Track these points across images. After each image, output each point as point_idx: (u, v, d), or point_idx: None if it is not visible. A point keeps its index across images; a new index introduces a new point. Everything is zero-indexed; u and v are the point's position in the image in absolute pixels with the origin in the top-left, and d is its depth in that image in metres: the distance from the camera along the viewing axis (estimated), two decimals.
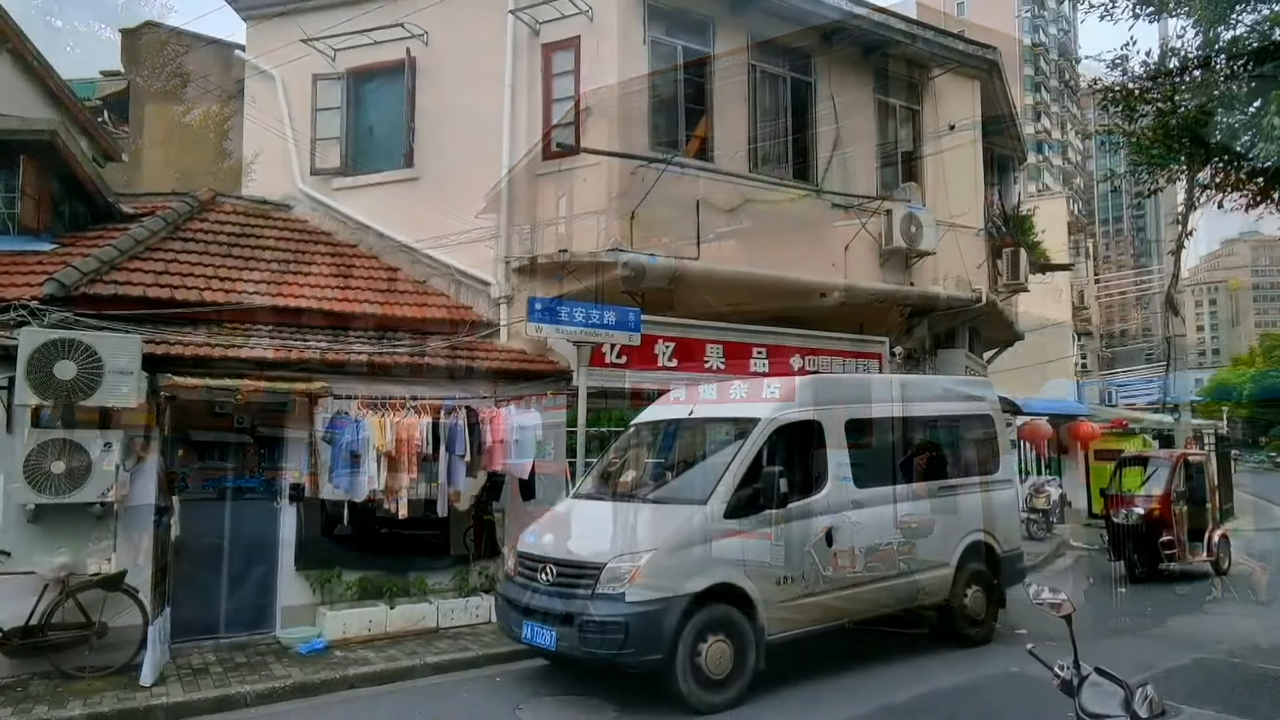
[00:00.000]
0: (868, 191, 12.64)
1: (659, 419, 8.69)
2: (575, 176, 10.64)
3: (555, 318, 9.17)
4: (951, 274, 13.52)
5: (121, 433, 7.83)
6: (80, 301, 8.61)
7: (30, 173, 9.85)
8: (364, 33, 11.56)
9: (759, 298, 11.69)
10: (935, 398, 9.18)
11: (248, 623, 8.77)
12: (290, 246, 11.08)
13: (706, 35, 11.47)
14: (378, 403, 9.05)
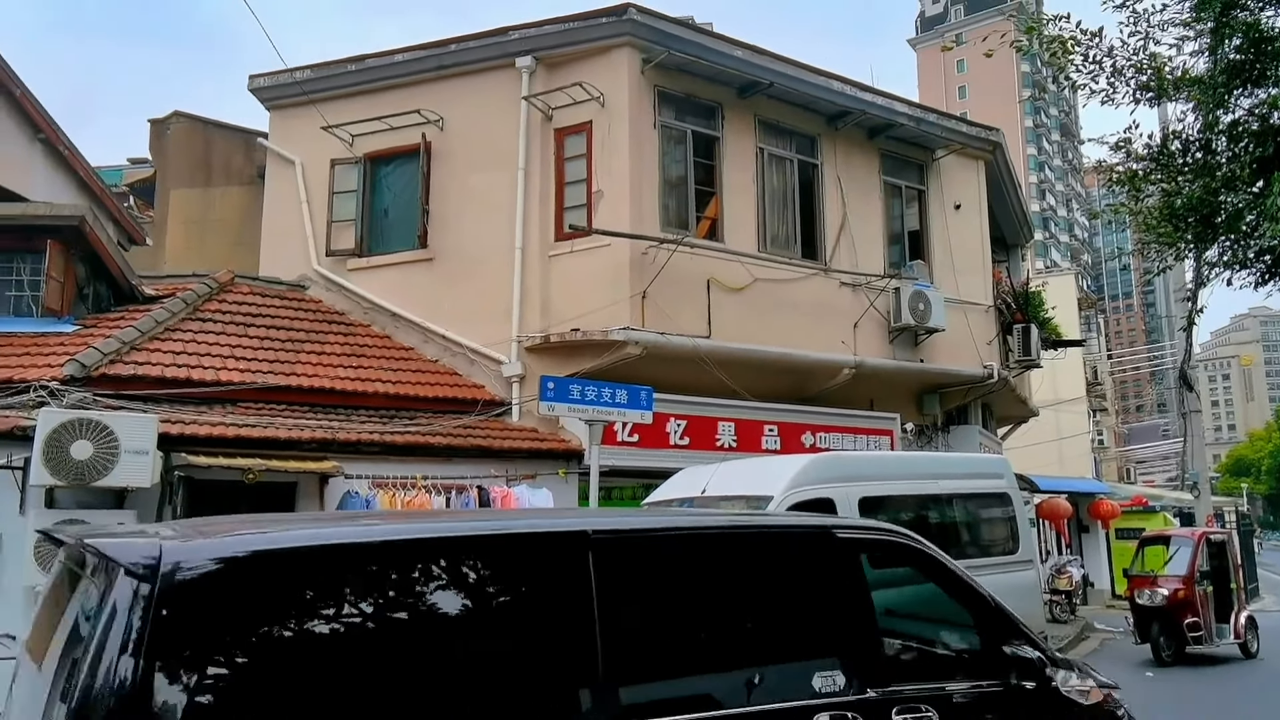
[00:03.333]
0: (876, 270, 12.79)
1: (671, 498, 8.62)
2: (587, 257, 10.82)
3: (567, 397, 9.18)
4: (961, 351, 13.56)
5: (135, 512, 7.83)
6: (100, 382, 8.72)
7: (56, 257, 10.10)
8: (381, 119, 11.95)
9: (769, 375, 11.73)
10: (951, 475, 9.09)
11: None
12: (305, 326, 11.24)
13: (715, 120, 11.81)
14: (389, 482, 9.03)
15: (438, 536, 2.92)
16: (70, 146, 12.89)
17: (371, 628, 2.57)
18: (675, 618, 3.18)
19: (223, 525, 2.82)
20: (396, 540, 2.77)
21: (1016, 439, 20.69)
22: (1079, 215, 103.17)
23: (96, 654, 2.20)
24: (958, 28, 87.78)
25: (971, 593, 3.87)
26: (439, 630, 2.68)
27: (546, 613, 2.87)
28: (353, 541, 2.71)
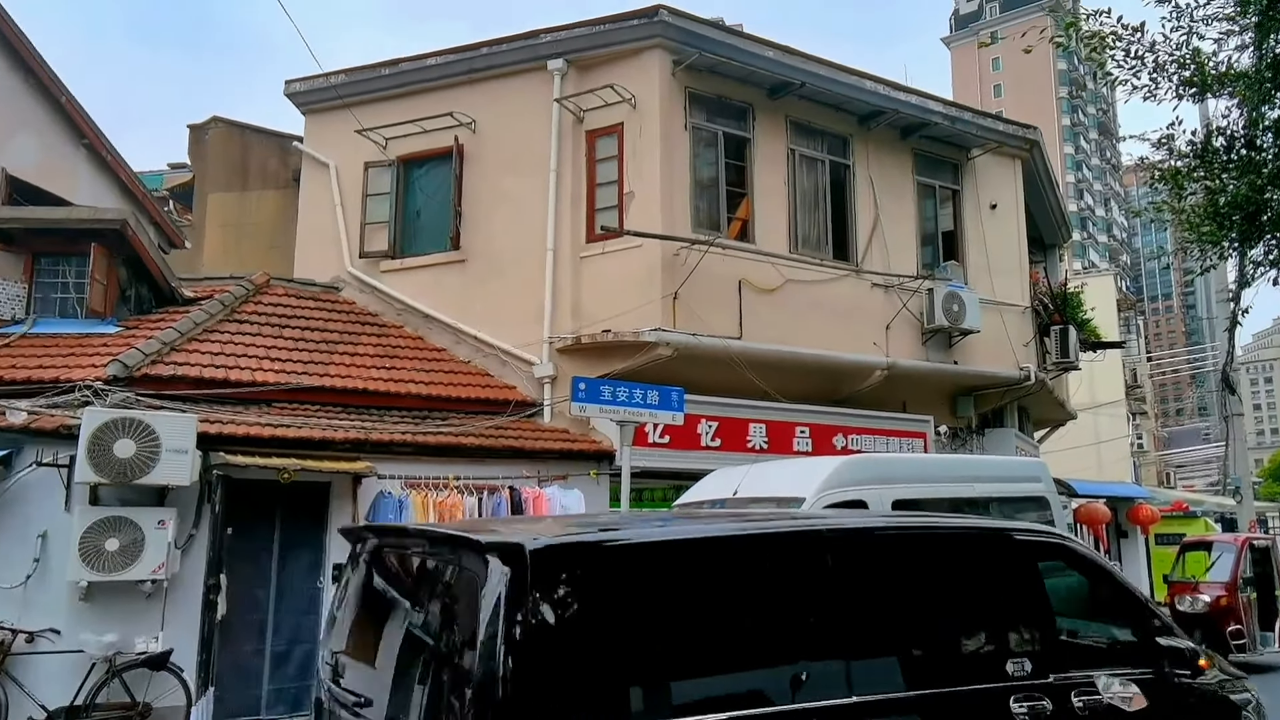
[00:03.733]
0: (908, 271, 12.66)
1: (702, 499, 8.58)
2: (618, 258, 10.84)
3: (599, 398, 9.19)
4: (997, 352, 13.38)
5: (175, 510, 7.97)
6: (142, 382, 8.89)
7: (99, 259, 10.32)
8: (414, 122, 12.07)
9: (801, 377, 11.67)
10: (986, 478, 8.94)
11: (290, 704, 8.69)
12: (338, 327, 11.37)
13: (746, 121, 11.77)
14: (422, 482, 9.11)
15: (728, 535, 3.58)
16: (113, 152, 13.17)
17: (675, 607, 3.12)
18: (897, 606, 3.60)
19: (562, 526, 3.48)
20: (697, 539, 3.45)
21: (1054, 442, 20.37)
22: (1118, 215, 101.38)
23: (488, 632, 2.71)
24: (993, 25, 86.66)
25: (1125, 590, 4.32)
26: (732, 610, 3.23)
27: (809, 598, 3.36)
28: (667, 539, 3.34)
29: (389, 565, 3.75)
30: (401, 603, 3.52)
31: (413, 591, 3.44)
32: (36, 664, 7.54)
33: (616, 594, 2.99)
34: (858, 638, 3.37)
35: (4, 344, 9.47)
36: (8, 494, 7.79)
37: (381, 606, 3.69)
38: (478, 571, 2.86)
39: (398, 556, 3.68)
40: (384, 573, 3.75)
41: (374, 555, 3.85)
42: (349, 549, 4.12)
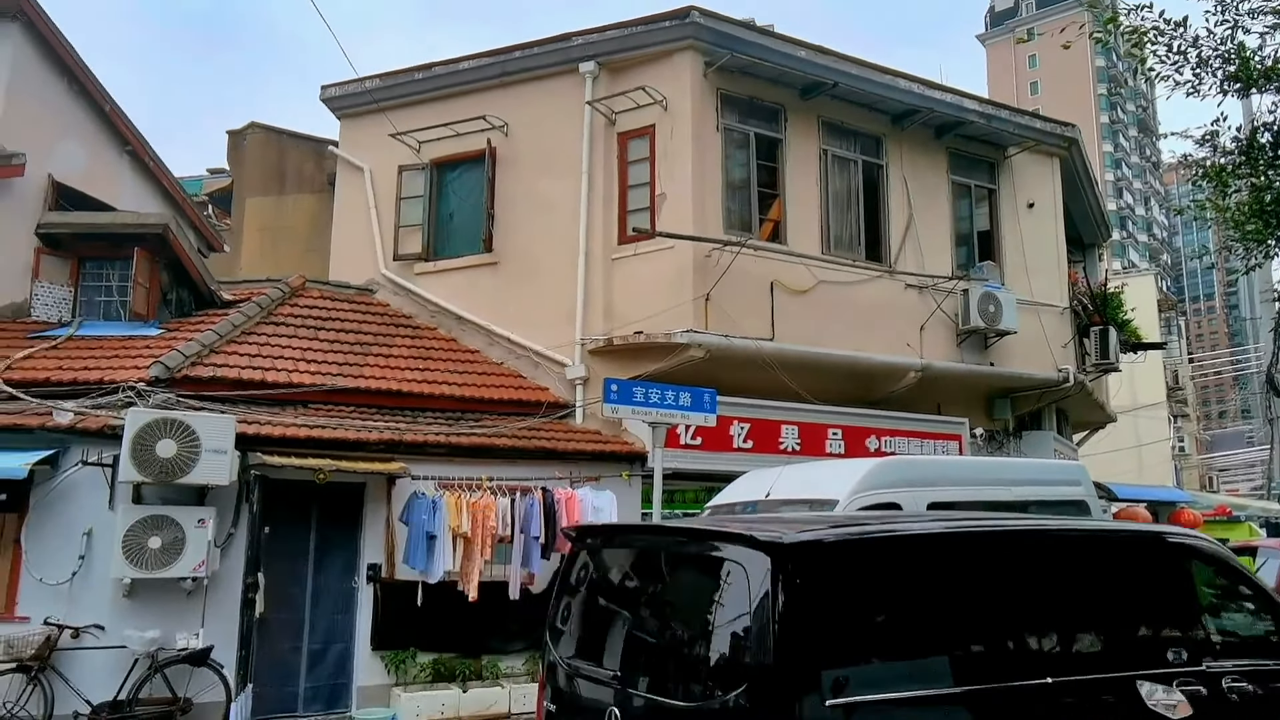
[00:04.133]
0: (943, 271, 12.52)
1: (735, 501, 8.54)
2: (650, 260, 10.84)
3: (631, 399, 9.20)
4: (1035, 354, 13.18)
5: (214, 509, 8.11)
6: (182, 383, 9.06)
7: (142, 263, 10.55)
8: (447, 125, 12.17)
9: (833, 378, 11.58)
10: (1023, 481, 8.80)
11: (325, 701, 8.80)
12: (373, 329, 11.49)
13: (778, 122, 11.72)
14: (455, 483, 9.17)
15: (940, 533, 4.10)
16: (155, 158, 13.43)
17: (892, 591, 3.64)
18: (1079, 598, 4.06)
19: (801, 525, 3.90)
20: (927, 534, 4.07)
21: (1093, 445, 20.01)
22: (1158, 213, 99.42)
23: (757, 608, 3.28)
24: (1029, 22, 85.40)
25: (1260, 589, 4.68)
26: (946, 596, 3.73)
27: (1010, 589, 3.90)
28: (889, 535, 3.99)
29: (631, 557, 4.36)
30: (653, 587, 4.16)
31: (666, 578, 4.10)
32: (81, 659, 7.71)
33: (849, 578, 3.55)
34: (1050, 626, 3.88)
35: (51, 346, 9.70)
36: (54, 492, 7.98)
37: (627, 591, 4.31)
38: (742, 561, 3.44)
39: (642, 550, 4.34)
40: (625, 563, 4.37)
41: (610, 548, 4.52)
42: (575, 544, 4.73)
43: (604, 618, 4.33)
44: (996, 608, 3.80)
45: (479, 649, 9.33)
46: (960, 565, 3.86)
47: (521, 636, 9.54)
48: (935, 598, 3.69)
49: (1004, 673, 3.60)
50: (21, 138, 10.41)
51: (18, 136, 10.38)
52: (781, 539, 3.39)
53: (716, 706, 3.30)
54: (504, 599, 9.09)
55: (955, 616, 3.69)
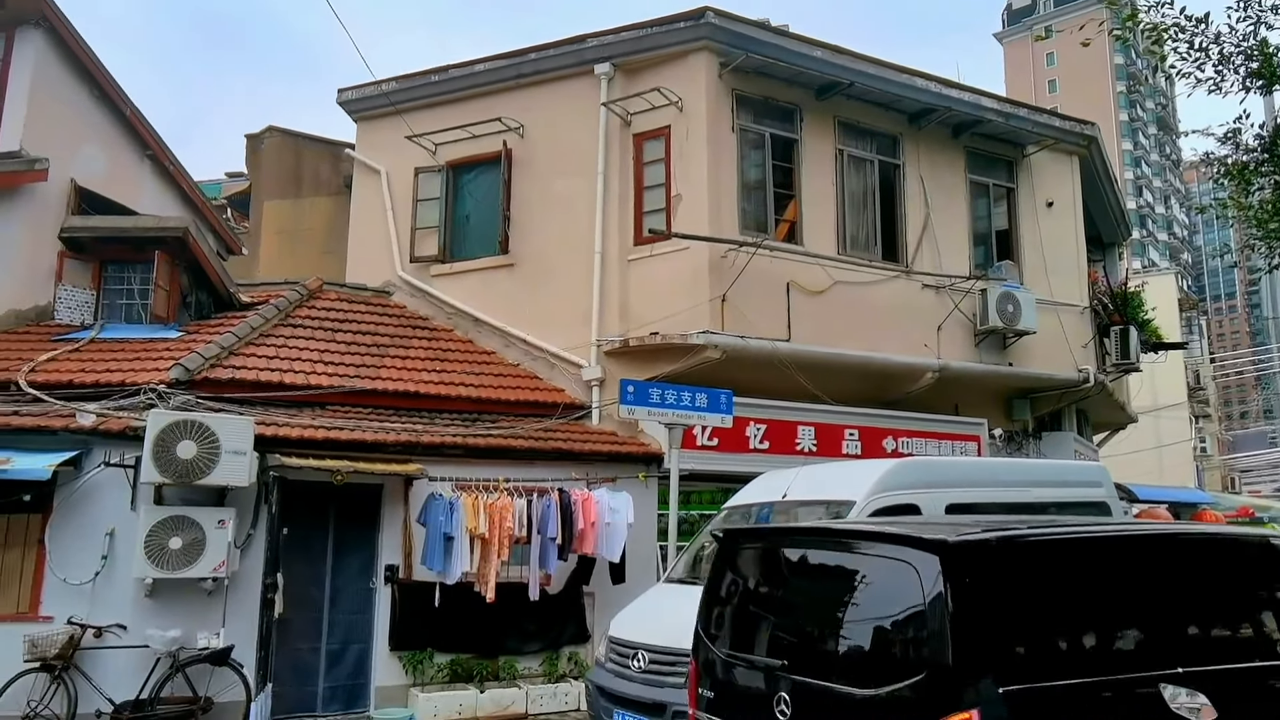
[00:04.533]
0: (961, 271, 12.44)
1: (751, 502, 8.52)
2: (666, 261, 10.84)
3: (647, 400, 9.22)
4: (1054, 354, 13.07)
5: (234, 510, 8.18)
6: (202, 385, 9.13)
7: (163, 266, 10.65)
8: (463, 127, 12.21)
9: (850, 379, 11.53)
10: (1044, 483, 8.73)
11: (343, 701, 8.85)
12: (390, 331, 11.55)
13: (793, 122, 11.68)
14: (471, 484, 9.20)
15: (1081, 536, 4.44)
16: (175, 162, 13.56)
17: (1046, 586, 3.97)
18: (1205, 596, 4.38)
19: (961, 527, 4.23)
20: (1075, 537, 4.40)
21: (1114, 446, 19.82)
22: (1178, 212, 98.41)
23: (932, 601, 3.64)
24: (1047, 19, 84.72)
25: None
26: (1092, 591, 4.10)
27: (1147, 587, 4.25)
28: (1059, 537, 4.32)
29: (791, 557, 4.66)
30: (818, 585, 4.49)
31: (832, 577, 4.41)
32: (104, 658, 7.79)
33: (1009, 575, 3.89)
34: (1180, 620, 4.20)
35: (74, 348, 9.81)
36: (77, 493, 8.07)
37: (790, 589, 4.66)
38: (912, 561, 3.80)
39: (804, 550, 4.64)
40: (786, 563, 4.68)
41: (768, 548, 4.87)
42: (723, 543, 5.11)
43: (765, 614, 4.68)
44: (1135, 603, 4.15)
45: (496, 649, 9.36)
46: (1104, 565, 4.23)
47: (538, 637, 9.56)
48: (1083, 594, 4.06)
49: (1142, 663, 3.93)
50: (44, 143, 10.54)
51: (41, 141, 10.50)
52: (948, 540, 3.76)
53: (895, 693, 3.66)
54: (521, 600, 9.11)
55: (1101, 611, 4.04)
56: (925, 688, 3.55)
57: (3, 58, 10.53)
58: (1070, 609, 3.97)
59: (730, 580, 4.92)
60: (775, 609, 4.66)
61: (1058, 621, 3.89)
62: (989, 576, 3.78)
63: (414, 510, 9.13)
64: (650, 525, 10.17)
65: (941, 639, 3.55)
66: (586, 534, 9.29)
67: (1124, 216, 17.65)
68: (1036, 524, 4.78)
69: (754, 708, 4.33)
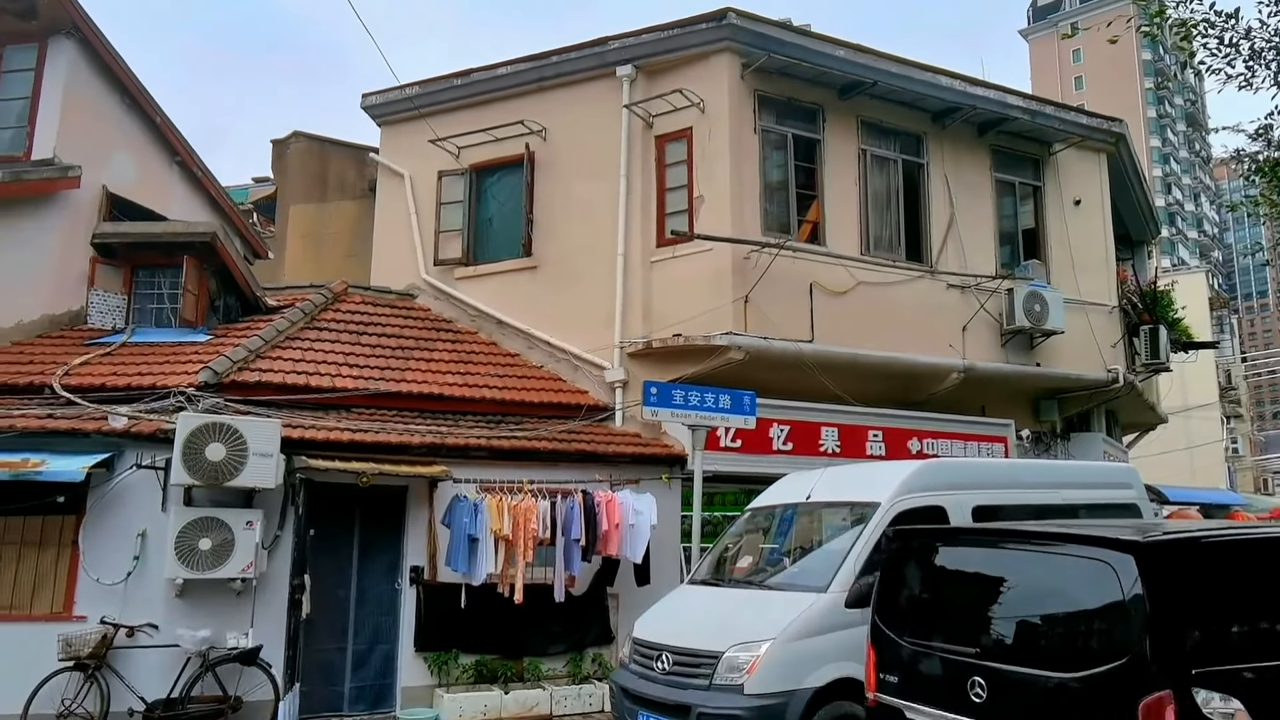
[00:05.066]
0: (986, 270, 12.33)
1: (775, 503, 8.49)
2: (689, 262, 10.83)
3: (670, 402, 9.21)
4: (1083, 354, 12.91)
5: (261, 512, 8.26)
6: (230, 388, 9.24)
7: (192, 271, 10.80)
8: (486, 130, 12.28)
9: (874, 380, 11.47)
10: (1073, 484, 8.63)
11: (370, 701, 8.91)
12: (414, 334, 11.62)
13: (816, 122, 11.64)
14: (496, 486, 9.24)
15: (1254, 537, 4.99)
16: (203, 168, 13.74)
17: (1225, 580, 4.47)
18: None
19: (1144, 528, 4.80)
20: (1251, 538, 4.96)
21: (1143, 447, 19.56)
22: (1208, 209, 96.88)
23: (1130, 597, 4.14)
24: (1073, 16, 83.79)
25: None
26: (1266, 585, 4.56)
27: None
28: (1241, 538, 4.90)
29: (983, 555, 5.14)
30: (1012, 580, 4.89)
31: (1026, 573, 4.83)
32: (136, 657, 7.91)
33: (1195, 570, 4.37)
34: None
35: (106, 352, 9.96)
36: (110, 495, 8.20)
37: (980, 583, 5.07)
38: (1109, 560, 4.28)
39: (993, 549, 5.11)
40: (977, 560, 5.17)
41: (955, 547, 5.37)
42: (902, 541, 5.63)
43: (951, 606, 5.16)
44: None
45: (521, 651, 9.39)
46: (1274, 561, 4.71)
47: (563, 638, 9.58)
48: (1256, 587, 4.50)
49: None
50: (77, 150, 10.72)
51: (73, 149, 10.68)
52: (1141, 541, 4.27)
53: (1093, 676, 4.14)
54: (545, 601, 9.13)
55: (1272, 601, 4.47)
56: (1124, 672, 4.05)
57: (36, 67, 10.72)
58: (1245, 601, 4.44)
59: (912, 576, 5.42)
60: (962, 602, 5.11)
61: (1235, 612, 4.38)
62: (1177, 573, 4.27)
63: (439, 512, 9.18)
64: (674, 527, 10.16)
65: (1139, 628, 4.05)
66: (610, 535, 9.30)
67: (1153, 214, 17.42)
68: (1213, 527, 5.51)
69: (944, 690, 4.81)
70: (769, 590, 7.26)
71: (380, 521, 9.26)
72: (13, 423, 8.13)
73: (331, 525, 8.97)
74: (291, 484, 8.52)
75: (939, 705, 4.84)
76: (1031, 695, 4.39)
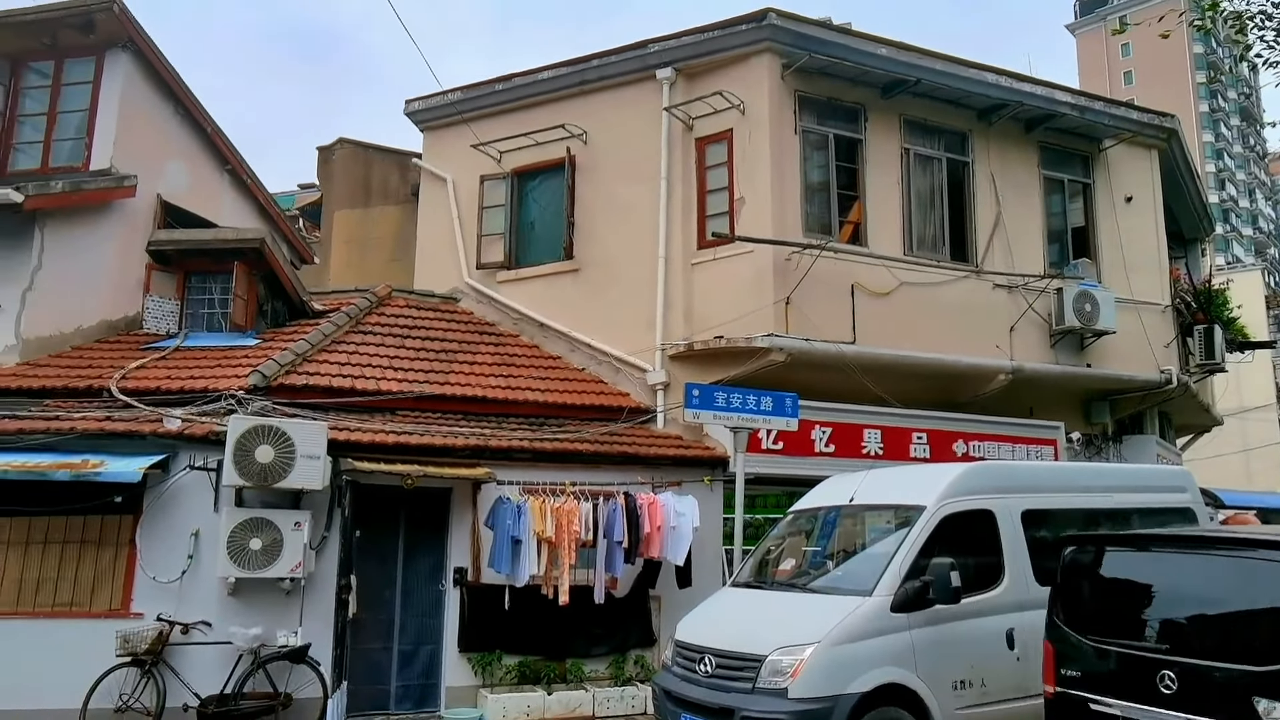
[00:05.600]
0: (1034, 270, 12.10)
1: (818, 506, 8.43)
2: (730, 264, 10.80)
3: (712, 404, 9.19)
4: (1135, 354, 12.62)
5: (309, 513, 8.41)
6: (278, 391, 9.42)
7: (241, 276, 11.04)
8: (527, 135, 12.37)
9: (918, 381, 11.32)
10: (1126, 488, 8.43)
11: (415, 700, 9.02)
12: (457, 337, 11.74)
13: (858, 122, 11.53)
14: (538, 488, 9.29)
15: None
16: (252, 175, 14.04)
17: None
18: None
19: None
20: None
21: (1198, 450, 19.04)
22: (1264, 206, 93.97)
23: None
24: (1121, 9, 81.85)
25: None
26: None
27: None
28: None
29: (1165, 560, 5.53)
30: (1197, 582, 5.22)
31: (1210, 575, 5.18)
32: (190, 654, 8.10)
33: None
34: None
35: (160, 356, 10.23)
36: (165, 495, 8.41)
37: (1164, 584, 5.43)
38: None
39: (1174, 553, 5.53)
40: (1159, 563, 5.55)
41: (1134, 551, 5.82)
42: (1080, 546, 6.01)
43: (1139, 605, 5.46)
44: None
45: (563, 652, 9.43)
46: None
47: (605, 640, 9.60)
48: None
49: None
50: (132, 160, 11.02)
51: (129, 159, 10.99)
52: None
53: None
54: (587, 603, 9.16)
55: None
56: None
57: (94, 80, 11.04)
58: None
59: (1093, 579, 5.80)
60: (1148, 602, 5.45)
61: None
62: None
63: (482, 513, 9.26)
64: (715, 529, 10.14)
65: None
66: (652, 537, 9.30)
67: (1206, 211, 16.95)
68: None
69: (1132, 683, 5.16)
70: (813, 593, 7.21)
71: (425, 523, 9.37)
72: (74, 425, 8.39)
73: (377, 526, 9.09)
74: (338, 485, 8.66)
75: (1128, 697, 5.17)
76: (1223, 686, 4.75)
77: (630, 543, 9.21)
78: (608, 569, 9.21)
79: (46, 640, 7.99)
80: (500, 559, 8.91)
